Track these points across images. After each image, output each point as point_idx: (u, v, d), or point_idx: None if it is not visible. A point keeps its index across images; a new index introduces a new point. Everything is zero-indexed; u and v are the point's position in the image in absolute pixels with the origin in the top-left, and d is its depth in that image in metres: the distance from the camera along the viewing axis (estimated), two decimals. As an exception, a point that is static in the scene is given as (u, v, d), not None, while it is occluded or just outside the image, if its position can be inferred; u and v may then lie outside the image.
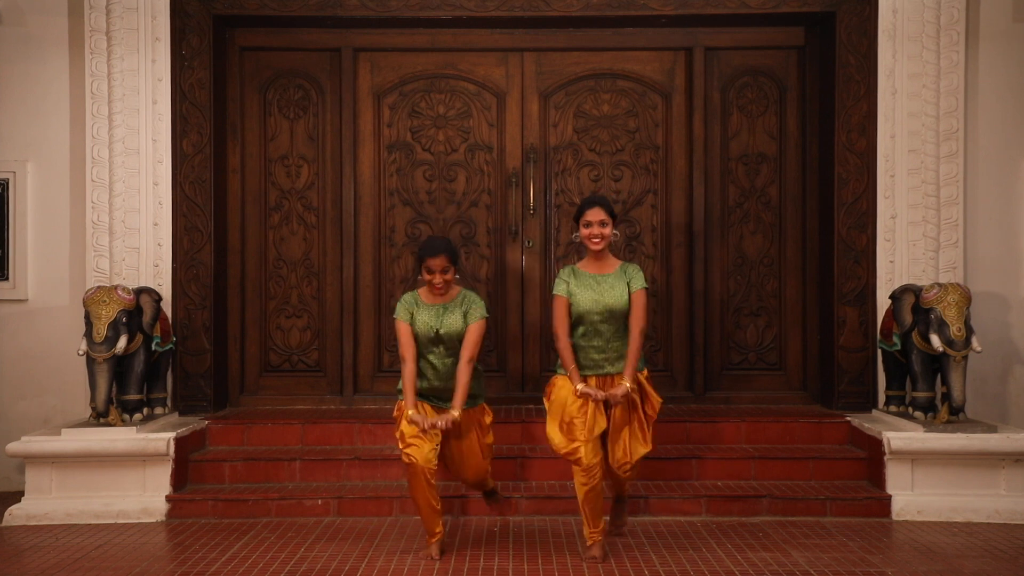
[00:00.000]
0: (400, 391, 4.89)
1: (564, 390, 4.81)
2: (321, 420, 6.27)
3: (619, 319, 4.80)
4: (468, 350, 4.83)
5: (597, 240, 4.83)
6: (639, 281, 4.83)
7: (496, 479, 5.85)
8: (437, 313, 4.88)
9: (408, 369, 4.81)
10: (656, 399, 4.88)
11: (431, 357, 4.88)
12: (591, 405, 4.71)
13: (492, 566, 4.71)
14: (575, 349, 4.81)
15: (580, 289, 4.83)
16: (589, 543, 4.84)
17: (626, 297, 4.79)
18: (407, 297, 4.96)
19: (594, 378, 4.80)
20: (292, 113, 6.84)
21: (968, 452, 5.55)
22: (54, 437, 5.65)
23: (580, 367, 4.80)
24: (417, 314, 4.89)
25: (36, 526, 5.52)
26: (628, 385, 4.69)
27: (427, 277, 4.87)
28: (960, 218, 6.34)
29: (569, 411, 4.76)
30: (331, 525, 5.48)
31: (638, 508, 5.59)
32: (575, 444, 4.72)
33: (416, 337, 4.86)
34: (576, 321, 4.83)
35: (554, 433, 4.82)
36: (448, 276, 4.86)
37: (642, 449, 4.84)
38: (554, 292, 4.89)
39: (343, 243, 6.79)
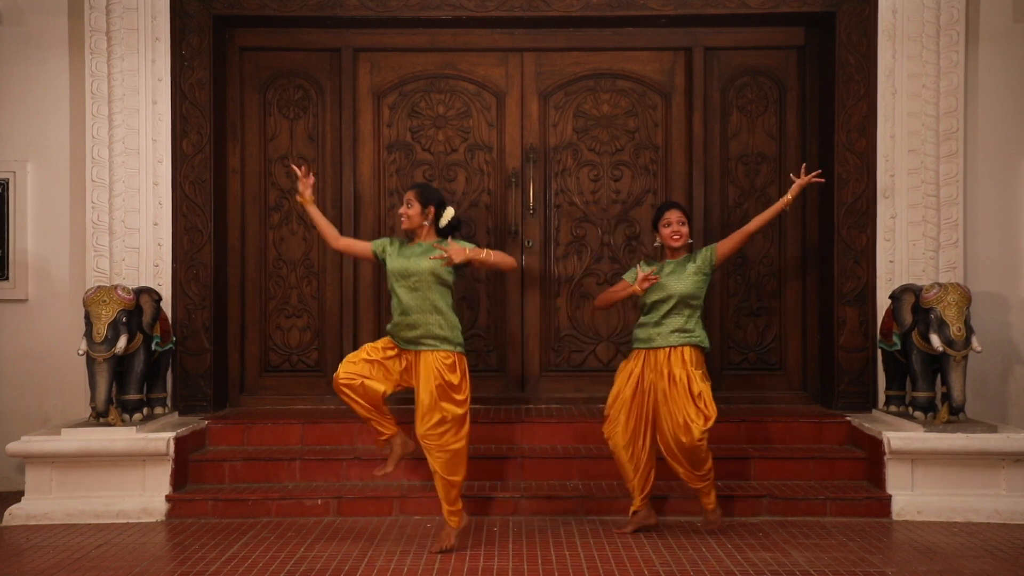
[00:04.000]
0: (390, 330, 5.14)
1: (627, 365, 5.31)
2: (321, 420, 6.27)
3: (681, 303, 5.19)
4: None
5: (677, 237, 5.27)
6: (711, 247, 5.31)
7: (496, 479, 5.88)
8: (413, 252, 5.13)
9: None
10: (699, 380, 5.15)
11: (400, 290, 5.07)
12: (632, 380, 5.21)
13: (492, 566, 4.72)
14: (639, 326, 5.29)
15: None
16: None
17: (695, 281, 5.21)
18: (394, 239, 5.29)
19: (644, 352, 5.22)
20: (292, 113, 6.84)
21: (968, 452, 5.55)
22: (54, 437, 5.65)
23: (638, 340, 5.27)
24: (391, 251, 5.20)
25: (36, 526, 5.52)
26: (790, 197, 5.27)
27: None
28: (960, 218, 6.34)
29: (617, 385, 5.30)
30: (331, 525, 5.48)
31: (638, 508, 5.59)
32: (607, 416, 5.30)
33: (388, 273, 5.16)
34: (639, 299, 5.32)
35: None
36: (409, 211, 5.14)
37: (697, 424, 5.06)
38: (625, 277, 5.41)
39: (343, 243, 6.79)
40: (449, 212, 5.19)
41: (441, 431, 4.96)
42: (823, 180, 5.62)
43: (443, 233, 5.19)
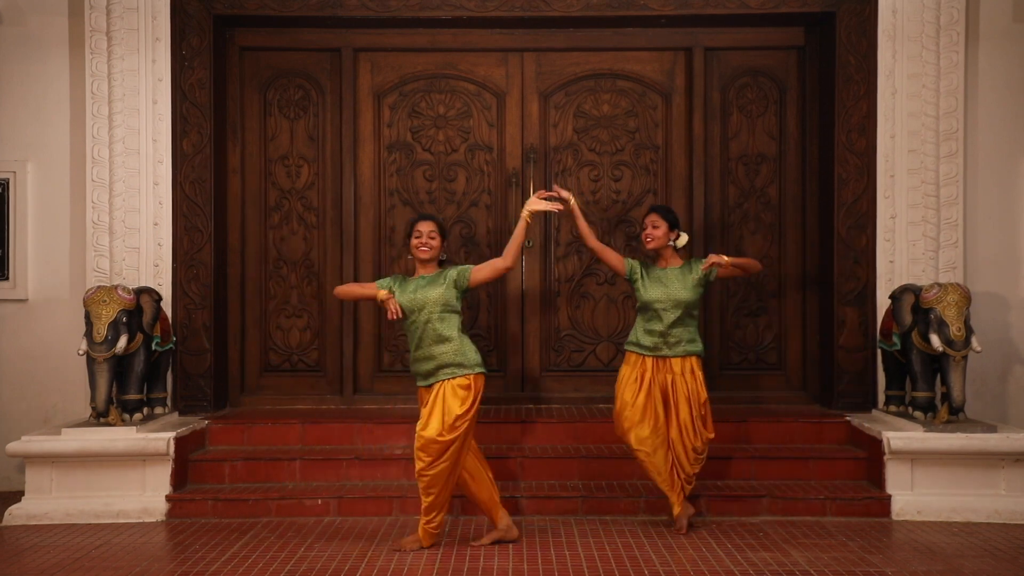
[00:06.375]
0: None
1: (624, 369, 5.41)
2: (321, 420, 6.28)
3: (680, 308, 5.31)
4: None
5: (649, 240, 5.42)
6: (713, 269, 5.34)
7: (496, 478, 5.86)
8: (418, 285, 5.06)
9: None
10: (702, 392, 5.37)
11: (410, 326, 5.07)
12: (644, 389, 5.31)
13: (492, 566, 4.72)
14: (643, 332, 5.37)
15: (650, 282, 5.37)
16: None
17: (692, 293, 5.32)
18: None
19: (651, 359, 5.33)
20: (292, 113, 6.84)
21: (968, 452, 5.55)
22: (54, 437, 5.65)
23: (641, 347, 5.36)
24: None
25: (36, 526, 5.52)
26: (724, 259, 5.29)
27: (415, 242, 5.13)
28: (960, 218, 6.34)
29: (624, 394, 5.35)
30: (331, 525, 5.48)
31: (637, 508, 5.60)
32: (625, 428, 5.34)
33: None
34: (642, 308, 5.39)
35: (615, 415, 5.40)
36: (432, 241, 5.08)
37: (701, 437, 5.33)
38: (625, 260, 5.49)
39: (343, 243, 6.79)
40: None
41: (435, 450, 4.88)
42: None
43: (441, 263, 5.18)
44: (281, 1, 6.48)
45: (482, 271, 5.08)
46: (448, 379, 4.92)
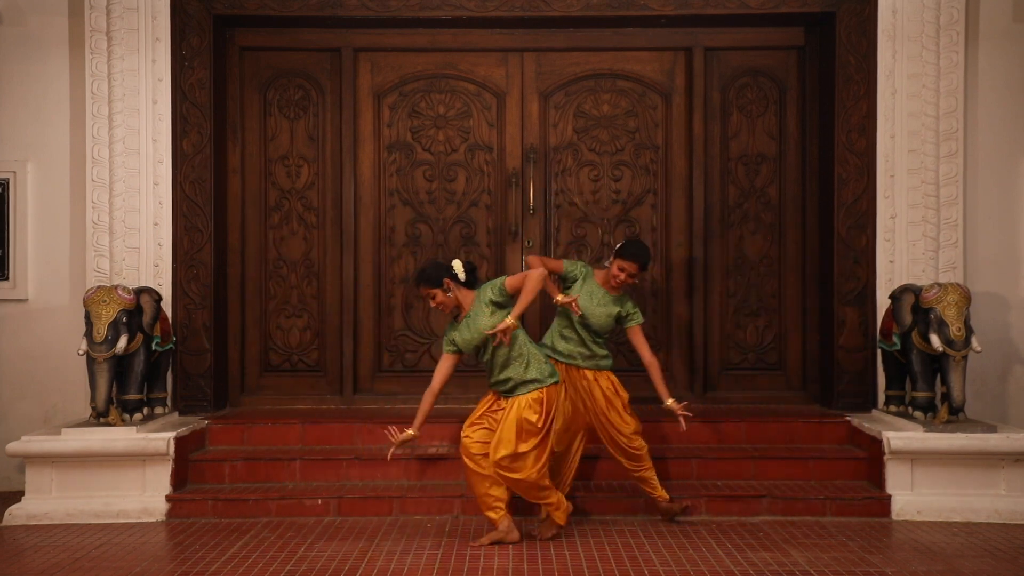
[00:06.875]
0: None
1: None
2: (321, 420, 6.28)
3: (593, 332, 5.42)
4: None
5: (616, 286, 5.41)
6: (636, 319, 5.47)
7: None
8: (468, 325, 5.10)
9: None
10: (623, 393, 5.46)
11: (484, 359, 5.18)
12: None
13: (492, 566, 4.72)
14: (559, 338, 5.48)
15: (582, 293, 5.41)
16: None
17: (605, 320, 5.40)
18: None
19: (563, 366, 5.41)
20: (292, 113, 6.84)
21: (968, 452, 5.55)
22: (54, 437, 5.65)
23: (556, 352, 5.44)
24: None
25: (36, 526, 5.52)
26: (668, 403, 5.45)
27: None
28: (960, 218, 6.34)
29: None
30: (331, 525, 5.48)
31: (637, 507, 5.59)
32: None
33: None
34: (562, 312, 5.45)
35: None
36: (435, 301, 5.11)
37: (628, 427, 5.40)
38: (565, 261, 5.57)
39: (343, 243, 6.79)
40: (458, 265, 5.13)
41: (509, 462, 4.98)
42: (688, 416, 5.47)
43: (470, 284, 5.15)
44: (281, 1, 6.48)
45: (517, 280, 5.07)
46: (524, 394, 5.00)
